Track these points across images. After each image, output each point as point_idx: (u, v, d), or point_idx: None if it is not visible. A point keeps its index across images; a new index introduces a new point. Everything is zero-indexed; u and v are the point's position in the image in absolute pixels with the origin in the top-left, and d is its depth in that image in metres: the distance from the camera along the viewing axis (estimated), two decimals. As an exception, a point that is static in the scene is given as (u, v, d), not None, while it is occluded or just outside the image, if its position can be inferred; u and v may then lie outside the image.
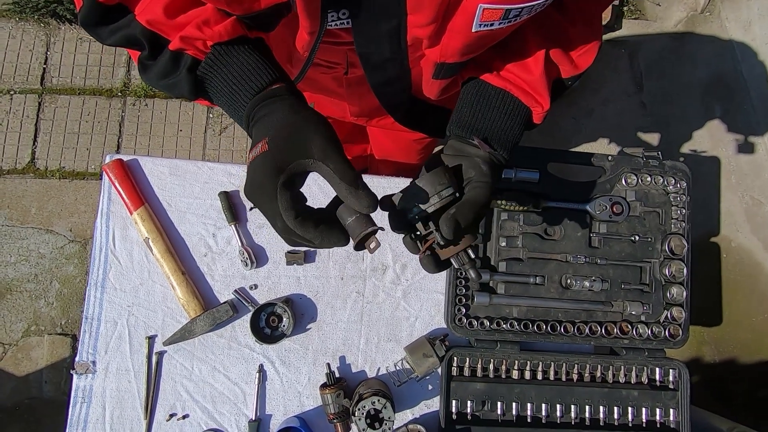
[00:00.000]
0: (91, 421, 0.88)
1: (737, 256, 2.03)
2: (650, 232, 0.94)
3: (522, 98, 0.59)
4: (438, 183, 0.53)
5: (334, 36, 0.57)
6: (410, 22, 0.51)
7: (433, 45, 0.54)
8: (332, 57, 0.70)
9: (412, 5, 0.49)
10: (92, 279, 0.90)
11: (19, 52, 1.99)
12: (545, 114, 0.60)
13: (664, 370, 0.92)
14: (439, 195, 0.53)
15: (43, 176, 1.93)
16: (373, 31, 0.55)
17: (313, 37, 0.54)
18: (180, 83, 0.51)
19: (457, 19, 0.49)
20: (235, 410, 0.89)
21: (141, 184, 0.92)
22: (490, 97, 0.60)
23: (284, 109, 0.49)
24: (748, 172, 2.07)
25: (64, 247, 1.90)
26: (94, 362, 0.89)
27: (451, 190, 0.54)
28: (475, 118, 0.60)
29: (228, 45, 0.50)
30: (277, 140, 0.46)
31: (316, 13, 0.49)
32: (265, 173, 0.46)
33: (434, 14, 0.48)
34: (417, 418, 0.91)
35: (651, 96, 2.12)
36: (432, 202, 0.53)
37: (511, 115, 0.60)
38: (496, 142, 0.59)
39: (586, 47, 0.59)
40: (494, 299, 0.90)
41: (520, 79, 0.59)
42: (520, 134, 0.61)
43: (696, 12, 2.16)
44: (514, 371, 0.91)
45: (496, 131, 0.59)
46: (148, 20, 0.50)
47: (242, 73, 0.50)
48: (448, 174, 0.54)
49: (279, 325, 0.89)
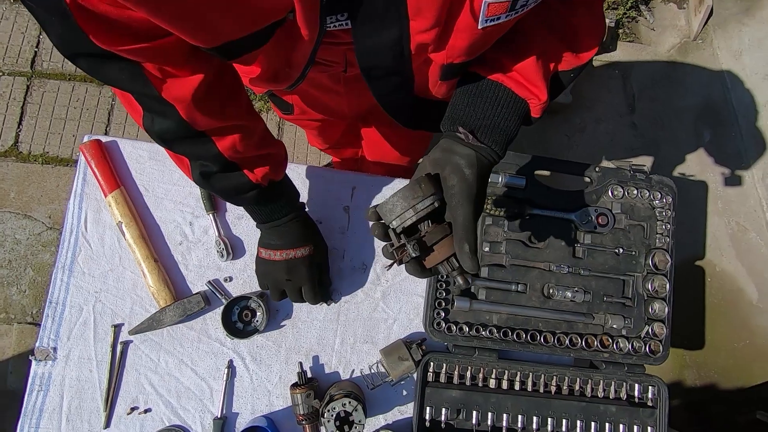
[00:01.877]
0: (47, 410, 0.84)
1: (721, 280, 2.04)
2: (634, 245, 0.93)
3: (517, 90, 0.57)
4: (412, 197, 0.53)
5: (333, 37, 0.56)
6: (412, 29, 0.50)
7: (438, 49, 0.53)
8: (331, 56, 0.69)
9: (412, 10, 0.47)
10: (60, 262, 0.87)
11: (11, 33, 1.96)
12: (543, 107, 0.58)
13: (643, 387, 0.91)
14: (414, 209, 0.53)
15: (26, 160, 1.89)
16: (373, 44, 0.53)
17: (312, 45, 0.52)
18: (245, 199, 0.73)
19: (462, 19, 0.47)
20: (200, 407, 0.86)
21: (118, 166, 0.90)
22: (483, 90, 0.58)
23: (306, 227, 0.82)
24: (734, 198, 2.10)
25: (41, 234, 1.85)
26: (55, 348, 0.85)
27: (427, 202, 0.53)
28: (467, 111, 0.58)
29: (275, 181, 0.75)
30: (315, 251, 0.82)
31: (316, 19, 0.48)
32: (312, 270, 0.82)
33: (436, 17, 0.47)
34: (389, 424, 0.88)
35: (642, 118, 2.15)
36: (407, 216, 0.53)
37: (505, 108, 0.57)
38: (487, 136, 0.57)
39: (587, 37, 0.57)
40: (474, 305, 0.88)
41: (514, 71, 0.56)
42: (515, 128, 0.58)
43: (689, 39, 2.21)
44: (492, 380, 0.88)
45: (487, 124, 0.57)
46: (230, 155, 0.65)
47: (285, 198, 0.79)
48: (425, 185, 0.53)
49: (252, 320, 0.87)
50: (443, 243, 0.54)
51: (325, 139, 1.46)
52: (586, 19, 0.57)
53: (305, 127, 1.41)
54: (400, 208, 0.53)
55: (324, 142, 1.50)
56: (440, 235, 0.54)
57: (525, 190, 0.91)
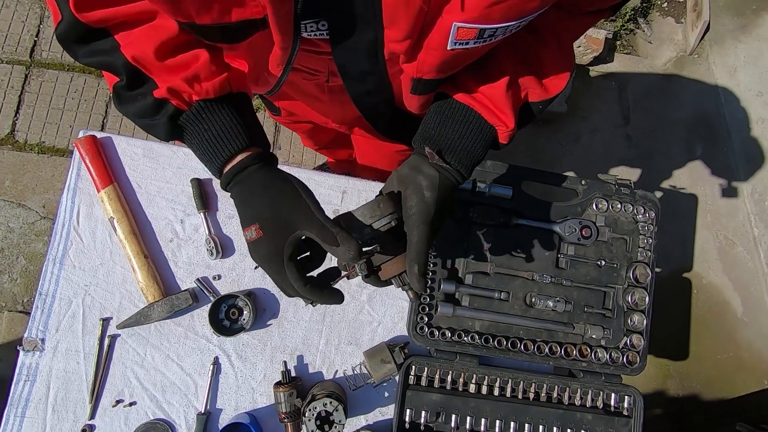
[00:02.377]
0: (33, 400, 0.85)
1: (707, 293, 2.07)
2: (616, 258, 0.95)
3: (485, 116, 0.59)
4: (370, 215, 0.56)
5: (313, 45, 0.57)
6: (387, 36, 0.51)
7: (409, 60, 0.54)
8: (313, 64, 0.70)
9: (387, 19, 0.49)
10: (51, 254, 0.88)
11: (11, 22, 1.96)
12: (510, 134, 0.60)
13: (620, 396, 0.93)
14: (371, 227, 0.56)
15: (22, 149, 1.89)
16: (350, 43, 0.54)
17: (287, 53, 0.54)
18: (157, 127, 0.55)
19: (433, 36, 0.49)
20: (185, 401, 0.87)
21: (112, 162, 0.91)
22: (454, 113, 0.60)
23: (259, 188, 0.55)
24: (723, 212, 2.12)
25: (34, 223, 1.86)
26: (44, 340, 0.86)
27: (384, 221, 0.56)
28: (437, 132, 0.60)
29: (211, 102, 0.54)
30: (267, 226, 0.54)
31: (289, 28, 0.49)
32: (269, 255, 0.53)
33: (409, 30, 0.48)
34: (370, 425, 0.90)
35: (637, 129, 2.18)
36: (365, 233, 0.56)
37: (473, 131, 0.59)
38: (453, 156, 0.59)
39: (556, 71, 0.59)
40: (458, 311, 0.90)
41: (485, 97, 0.59)
42: (482, 151, 0.61)
43: (685, 53, 2.23)
44: (472, 385, 0.90)
45: (455, 146, 0.59)
46: (134, 56, 0.51)
47: (219, 133, 0.54)
48: (383, 205, 0.56)
49: (239, 318, 0.88)
50: (397, 259, 0.58)
51: (315, 141, 1.48)
52: (555, 55, 0.60)
53: (295, 130, 1.43)
54: (358, 225, 0.56)
55: (315, 144, 1.51)
56: (392, 254, 0.58)
57: (512, 200, 0.93)
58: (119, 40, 0.52)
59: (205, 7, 0.46)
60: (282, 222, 0.54)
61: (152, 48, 0.51)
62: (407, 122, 0.86)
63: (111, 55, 0.52)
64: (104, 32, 0.52)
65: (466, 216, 0.91)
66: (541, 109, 0.62)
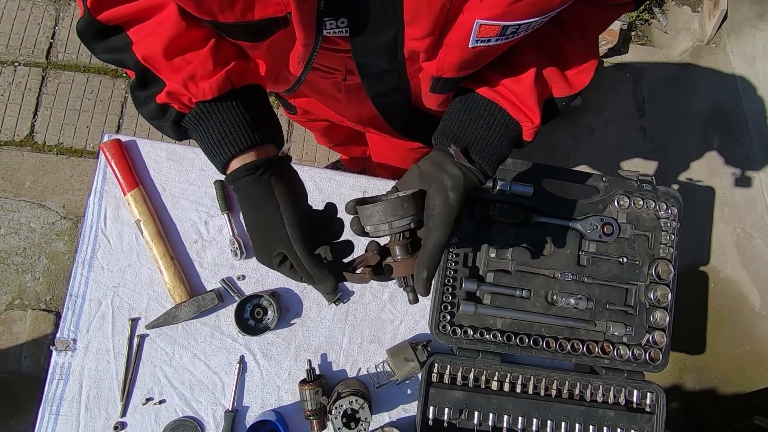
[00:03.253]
0: (67, 398, 0.87)
1: (724, 286, 2.05)
2: (638, 255, 0.95)
3: (511, 111, 0.58)
4: (392, 213, 0.53)
5: (333, 43, 0.57)
6: (407, 35, 0.51)
7: (430, 58, 0.54)
8: (331, 63, 0.70)
9: (409, 17, 0.48)
10: (80, 257, 0.90)
11: (27, 24, 1.98)
12: (536, 130, 0.59)
13: (642, 393, 0.93)
14: (390, 225, 0.54)
15: (41, 150, 1.92)
16: (370, 42, 0.54)
17: (308, 50, 0.54)
18: (166, 129, 0.56)
19: (454, 34, 0.49)
20: (212, 399, 0.89)
21: (137, 165, 0.92)
22: (478, 108, 0.58)
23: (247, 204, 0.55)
24: (741, 205, 2.10)
25: (55, 223, 1.89)
26: (75, 340, 0.89)
27: (404, 222, 0.54)
28: (460, 128, 0.58)
29: (211, 103, 0.52)
30: (253, 238, 0.56)
31: (312, 25, 0.49)
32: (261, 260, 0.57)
33: (431, 27, 0.48)
34: (393, 422, 0.91)
35: (652, 122, 2.15)
36: (381, 229, 0.54)
37: (498, 128, 0.58)
38: (479, 154, 0.57)
39: (582, 66, 0.58)
40: (479, 309, 0.90)
41: (509, 91, 0.57)
42: (507, 149, 0.59)
43: (702, 43, 2.19)
44: (494, 382, 0.91)
45: (480, 143, 0.57)
46: (144, 56, 0.51)
47: (219, 135, 0.53)
48: (407, 205, 0.54)
49: (263, 318, 0.89)
50: (406, 262, 0.56)
51: (330, 139, 1.48)
52: (580, 49, 0.58)
53: (310, 128, 1.43)
54: (377, 220, 0.54)
55: (330, 142, 1.52)
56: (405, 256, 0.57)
57: (532, 198, 0.93)
58: (132, 37, 0.52)
59: (228, 5, 0.47)
60: (265, 240, 0.55)
61: (161, 46, 0.50)
62: (424, 120, 0.86)
63: (123, 53, 0.52)
64: (118, 29, 0.52)
65: (486, 214, 0.91)
66: (565, 105, 0.60)
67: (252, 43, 0.55)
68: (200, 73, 0.51)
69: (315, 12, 0.48)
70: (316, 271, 0.53)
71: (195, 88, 0.51)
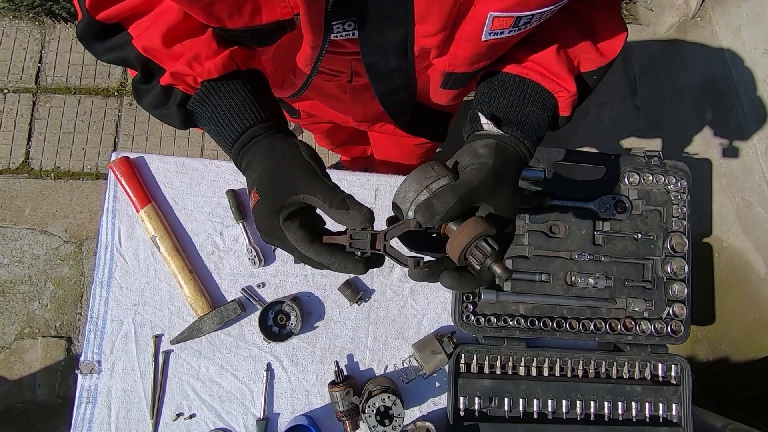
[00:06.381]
0: (96, 421, 0.87)
1: (729, 256, 2.07)
2: (652, 230, 0.95)
3: (542, 83, 0.54)
4: (425, 177, 0.48)
5: (339, 46, 0.56)
6: (417, 32, 0.50)
7: (441, 55, 0.53)
8: (336, 66, 0.69)
9: (419, 14, 0.48)
10: (98, 277, 0.89)
11: (13, 50, 1.96)
12: (573, 101, 0.55)
13: (667, 366, 0.94)
14: (429, 189, 0.47)
15: (38, 176, 1.91)
16: (379, 42, 0.53)
17: (316, 51, 0.54)
18: (171, 115, 0.53)
19: (466, 28, 0.48)
20: (242, 409, 0.89)
21: (147, 182, 0.92)
22: (507, 86, 0.55)
23: (263, 153, 0.50)
24: (738, 174, 2.12)
25: (58, 248, 1.87)
26: (99, 362, 0.88)
27: (443, 181, 0.47)
28: (491, 108, 0.55)
29: (218, 81, 0.51)
30: (264, 188, 0.48)
31: (320, 26, 0.49)
32: (266, 219, 0.47)
33: (443, 23, 0.47)
34: (425, 416, 0.91)
35: (645, 99, 2.16)
36: (422, 198, 0.47)
37: (531, 101, 0.54)
38: (514, 127, 0.53)
39: (611, 34, 0.55)
40: (501, 296, 0.91)
41: (537, 65, 0.54)
42: (545, 123, 0.55)
43: (687, 17, 2.21)
44: (521, 368, 0.92)
45: (514, 117, 0.53)
46: (145, 47, 0.50)
47: (228, 112, 0.51)
48: (438, 167, 0.48)
49: (287, 324, 0.89)
50: (465, 225, 0.44)
51: (332, 141, 1.48)
52: (608, 18, 0.56)
53: (313, 131, 1.43)
54: (414, 191, 0.48)
55: (331, 143, 1.52)
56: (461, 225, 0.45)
57: (544, 182, 0.94)
58: (132, 32, 0.51)
59: (237, 11, 0.46)
60: (281, 183, 0.48)
61: (159, 35, 0.49)
62: (429, 116, 0.86)
63: (125, 49, 0.51)
64: (119, 27, 0.52)
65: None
66: (596, 80, 0.57)
67: (260, 47, 0.55)
68: (205, 53, 0.50)
69: (323, 13, 0.47)
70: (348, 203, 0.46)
71: (200, 68, 0.50)
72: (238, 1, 0.46)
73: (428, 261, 0.47)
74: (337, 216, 0.46)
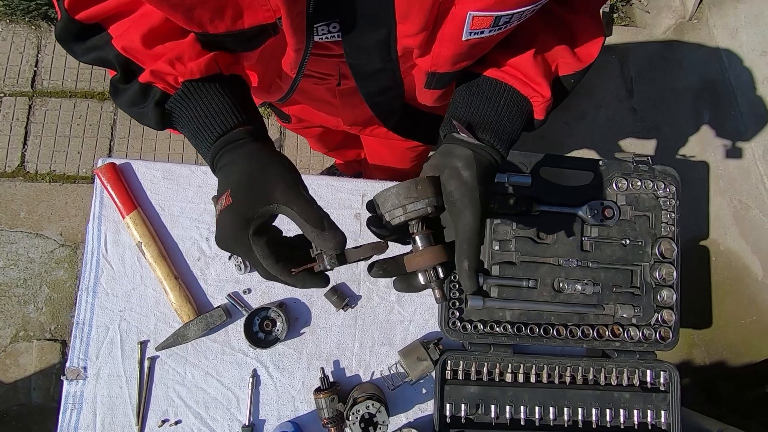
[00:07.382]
0: (82, 427, 0.87)
1: (726, 259, 2.06)
2: (640, 235, 0.95)
3: (518, 88, 0.55)
4: (405, 196, 0.50)
5: (325, 48, 0.57)
6: (399, 32, 0.51)
7: (423, 54, 0.53)
8: (324, 68, 0.70)
9: (400, 14, 0.48)
10: (84, 284, 0.90)
11: (9, 54, 1.97)
12: (547, 106, 0.56)
13: (655, 372, 0.93)
14: (404, 209, 0.50)
15: (33, 180, 1.91)
16: (362, 42, 0.54)
17: (300, 54, 0.54)
18: (147, 114, 0.52)
19: (447, 28, 0.48)
20: (228, 416, 0.89)
21: (134, 187, 0.92)
22: (484, 88, 0.56)
23: (243, 157, 0.49)
24: (736, 176, 2.11)
25: (54, 252, 1.88)
26: (85, 368, 0.88)
27: (419, 205, 0.50)
28: (466, 111, 0.56)
29: (199, 82, 0.50)
30: (238, 192, 0.46)
31: (302, 29, 0.49)
32: (234, 226, 0.46)
33: (423, 22, 0.48)
34: (411, 422, 0.91)
35: (641, 101, 2.16)
36: (396, 214, 0.51)
37: (506, 105, 0.55)
38: (487, 133, 0.54)
39: (588, 38, 0.56)
40: (487, 303, 0.91)
41: (514, 69, 0.55)
42: (518, 126, 0.56)
43: (684, 19, 2.20)
44: (508, 374, 0.91)
45: (486, 121, 0.55)
46: (124, 47, 0.50)
47: (208, 114, 0.50)
48: (422, 187, 0.51)
49: (273, 330, 0.89)
50: (427, 251, 0.51)
51: (325, 145, 1.48)
52: (586, 22, 0.57)
53: (305, 135, 1.43)
54: (391, 205, 0.51)
55: (324, 147, 1.52)
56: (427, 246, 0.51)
57: (531, 187, 0.93)
58: (112, 33, 0.51)
59: (218, 15, 0.46)
60: (257, 190, 0.46)
61: (139, 36, 0.49)
62: (418, 118, 0.86)
63: (104, 50, 0.51)
64: (98, 28, 0.51)
65: (487, 207, 0.91)
66: (573, 83, 0.58)
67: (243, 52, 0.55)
68: (188, 54, 0.49)
69: (305, 15, 0.47)
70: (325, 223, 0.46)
71: (182, 67, 0.49)
72: (219, 5, 0.45)
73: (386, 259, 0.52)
74: (311, 234, 0.47)
